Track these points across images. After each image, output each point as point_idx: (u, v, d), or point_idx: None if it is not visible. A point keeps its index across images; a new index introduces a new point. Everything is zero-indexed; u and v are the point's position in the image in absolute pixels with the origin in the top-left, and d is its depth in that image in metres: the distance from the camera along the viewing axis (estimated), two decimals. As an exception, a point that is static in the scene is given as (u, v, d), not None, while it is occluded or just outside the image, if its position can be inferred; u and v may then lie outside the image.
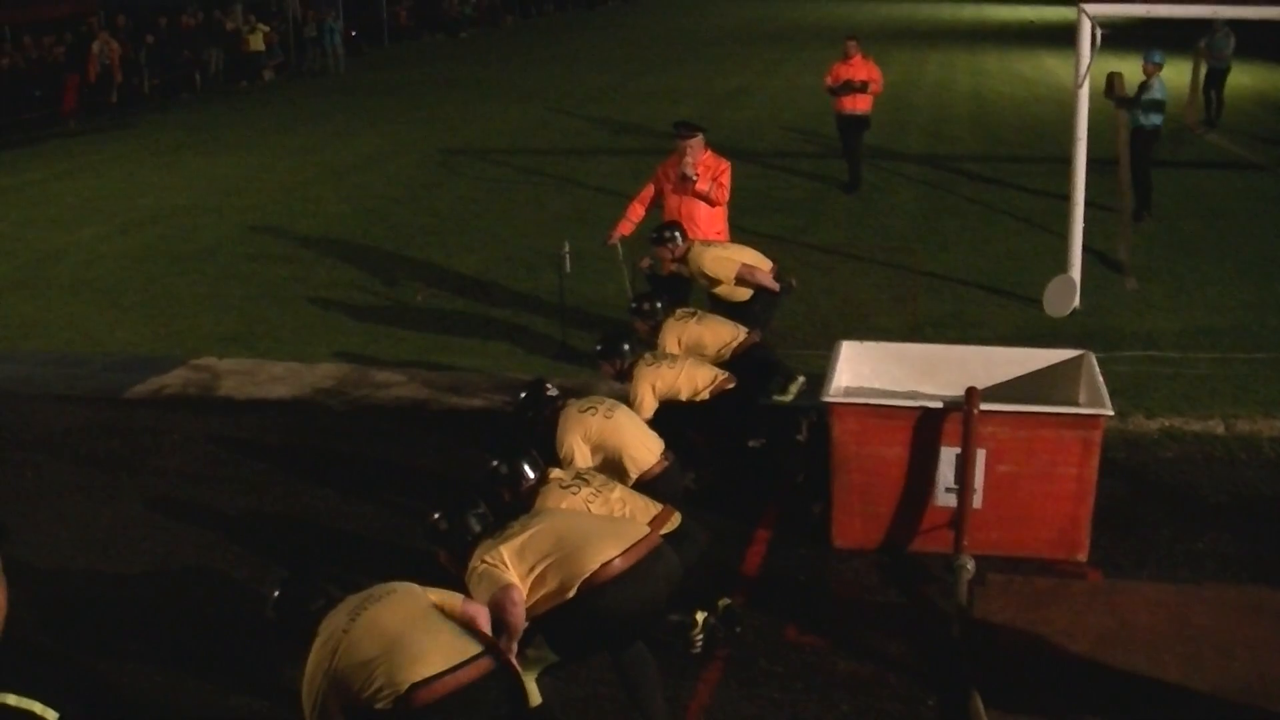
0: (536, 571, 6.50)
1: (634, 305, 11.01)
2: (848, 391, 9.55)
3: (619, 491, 7.72)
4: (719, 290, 11.89)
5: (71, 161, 26.24)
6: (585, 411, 8.55)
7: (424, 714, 5.49)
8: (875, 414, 8.77)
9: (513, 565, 6.53)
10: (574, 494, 7.48)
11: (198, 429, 11.79)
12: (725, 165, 12.93)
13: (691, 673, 7.52)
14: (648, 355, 9.99)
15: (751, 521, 9.50)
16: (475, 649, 5.71)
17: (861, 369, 9.99)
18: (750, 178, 20.34)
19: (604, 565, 6.44)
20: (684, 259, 12.02)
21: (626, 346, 9.94)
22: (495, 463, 7.73)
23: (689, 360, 10.00)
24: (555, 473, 7.78)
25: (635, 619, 6.61)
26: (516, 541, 6.60)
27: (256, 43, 39.89)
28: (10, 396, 12.76)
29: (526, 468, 7.68)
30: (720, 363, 10.28)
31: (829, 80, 21.10)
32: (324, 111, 32.13)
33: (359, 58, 45.08)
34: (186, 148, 26.99)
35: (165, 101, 35.17)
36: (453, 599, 6.18)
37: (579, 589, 6.41)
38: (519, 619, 6.40)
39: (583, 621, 6.48)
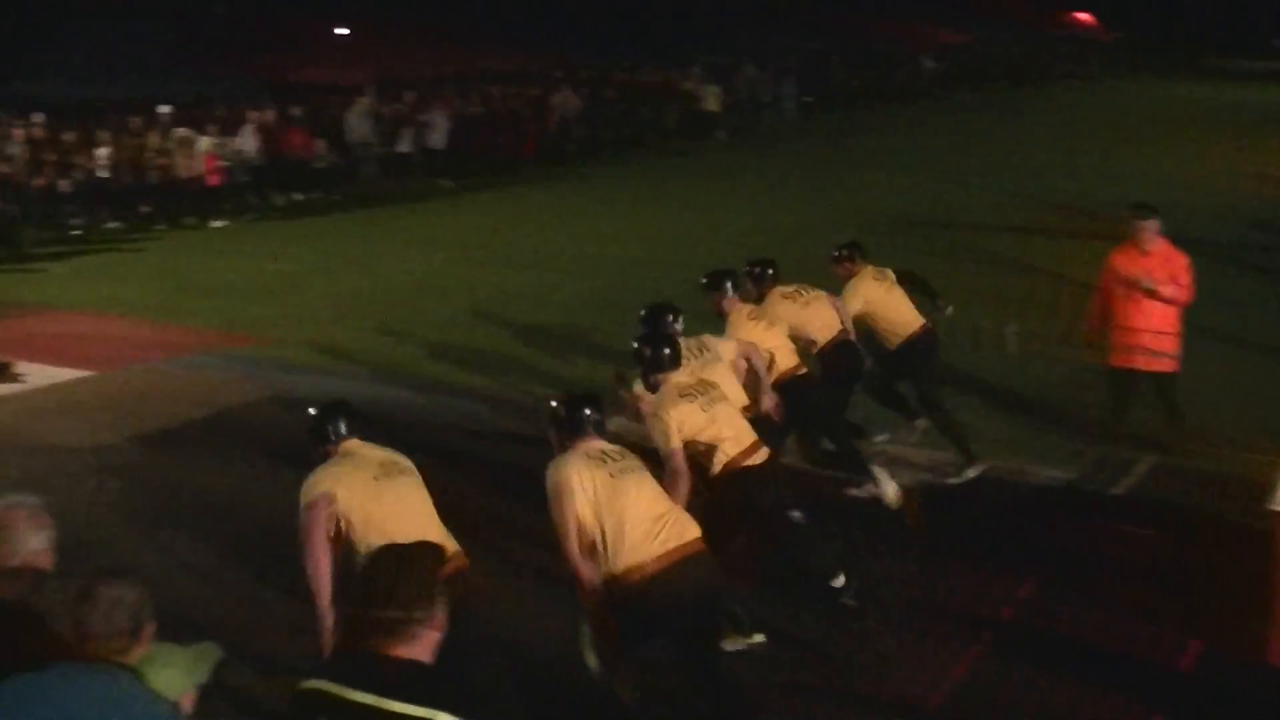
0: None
1: (749, 267, 11.60)
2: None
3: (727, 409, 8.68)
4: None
5: (528, 208, 27.26)
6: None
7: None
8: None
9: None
10: (688, 402, 8.46)
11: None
12: (1183, 261, 12.06)
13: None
14: (750, 307, 10.74)
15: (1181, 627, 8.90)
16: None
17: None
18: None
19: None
20: None
21: (730, 284, 10.77)
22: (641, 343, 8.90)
23: (777, 330, 10.66)
24: (678, 377, 8.66)
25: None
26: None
27: (711, 103, 40.66)
28: (443, 428, 13.53)
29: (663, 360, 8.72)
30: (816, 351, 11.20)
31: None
32: (774, 174, 32.40)
33: (811, 122, 45.34)
34: (641, 202, 27.70)
35: (621, 156, 36.14)
36: None
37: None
38: None
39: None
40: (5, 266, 23.02)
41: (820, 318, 11.34)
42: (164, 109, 29.00)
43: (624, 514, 6.96)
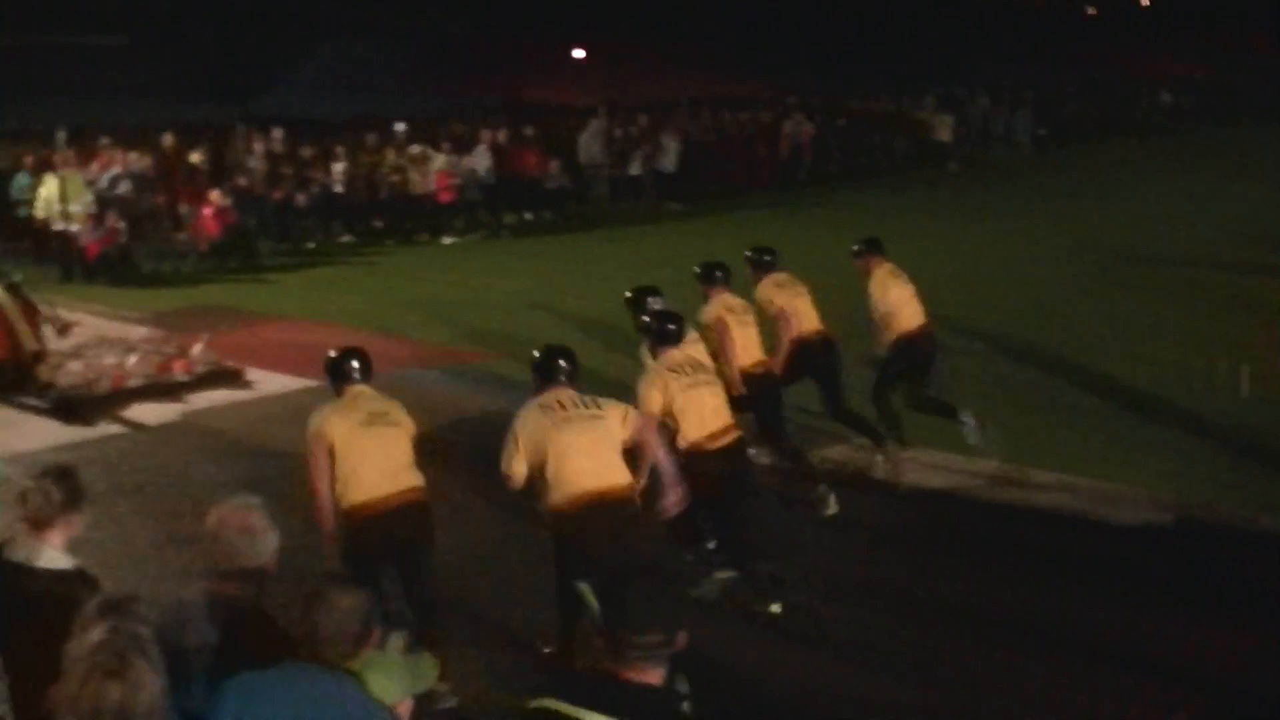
0: None
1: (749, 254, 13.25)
2: None
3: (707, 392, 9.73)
4: None
5: (756, 234, 27.05)
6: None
7: None
8: None
9: None
10: (675, 378, 9.63)
11: (854, 509, 11.68)
12: None
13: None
14: (733, 302, 12.03)
15: None
16: None
17: None
18: None
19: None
20: None
21: (719, 274, 12.31)
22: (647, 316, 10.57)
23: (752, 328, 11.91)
24: (676, 356, 9.90)
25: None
26: None
27: (943, 133, 40.14)
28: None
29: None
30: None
31: None
32: (1005, 205, 31.83)
33: (1044, 155, 44.47)
34: (868, 231, 27.10)
35: (851, 184, 35.80)
36: None
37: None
38: None
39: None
40: (241, 277, 23.60)
41: (807, 308, 12.82)
42: (399, 126, 29.50)
43: (560, 456, 8.18)
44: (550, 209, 30.17)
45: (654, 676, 4.55)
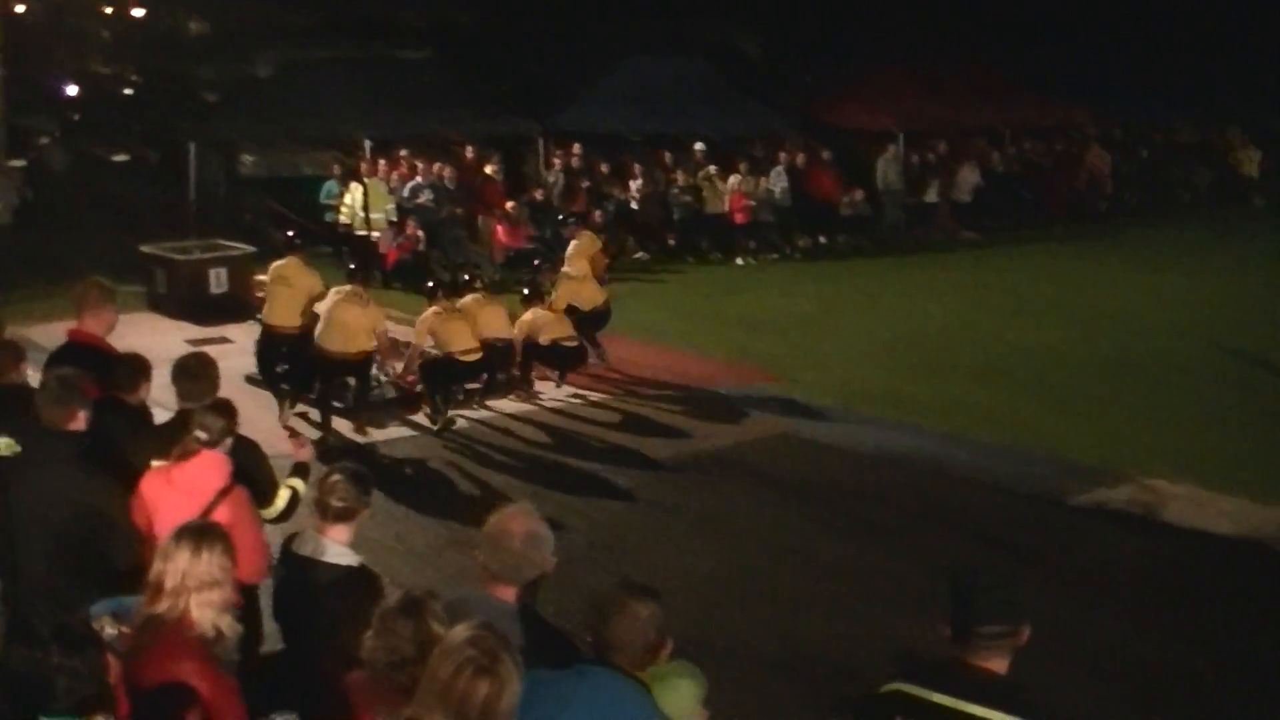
0: None
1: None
2: None
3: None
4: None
5: (1052, 264, 26.50)
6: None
7: None
8: None
9: None
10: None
11: (1133, 549, 11.26)
12: None
13: None
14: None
15: None
16: None
17: None
18: None
19: None
20: None
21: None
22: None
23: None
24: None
25: None
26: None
27: (1249, 167, 38.46)
28: (956, 482, 13.25)
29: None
30: None
31: None
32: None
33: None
34: (1167, 265, 26.40)
35: (1151, 216, 34.62)
36: None
37: None
38: None
39: None
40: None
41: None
42: (698, 146, 29.56)
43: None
44: (844, 233, 29.89)
45: (1000, 665, 4.67)
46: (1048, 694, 4.76)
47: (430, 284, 16.57)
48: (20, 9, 43.66)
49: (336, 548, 6.33)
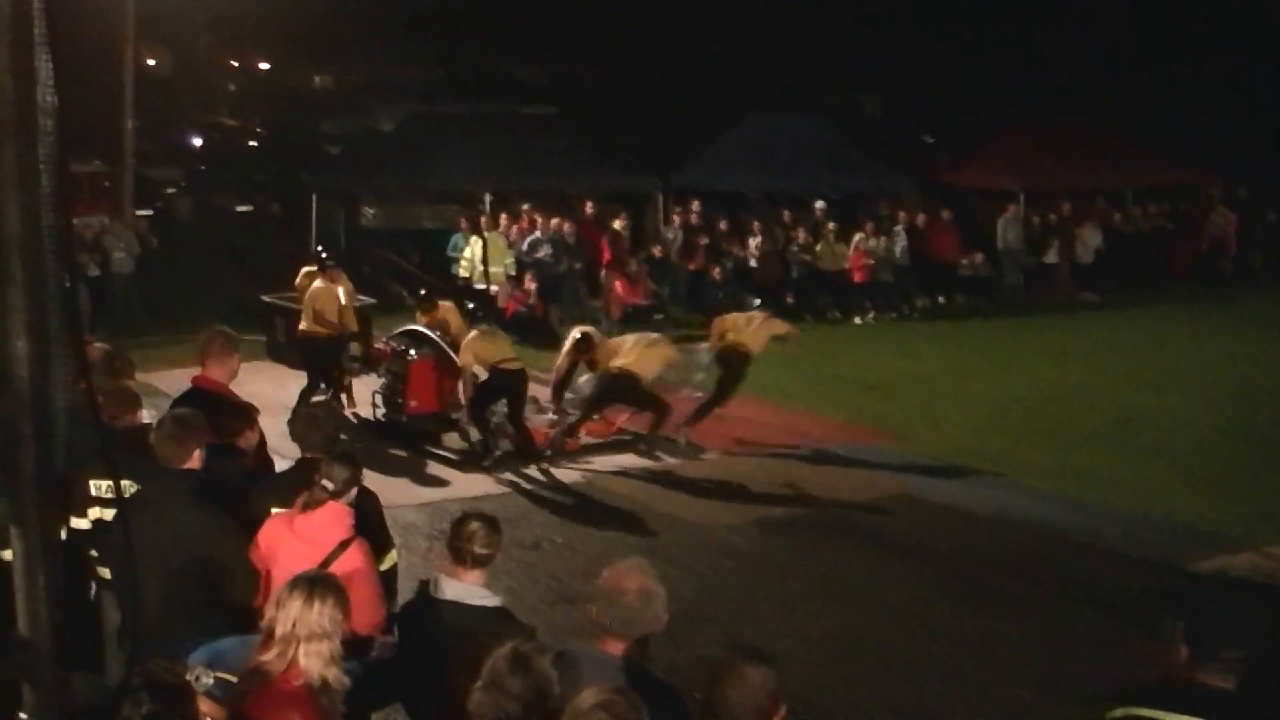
0: None
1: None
2: None
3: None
4: None
5: (1174, 328, 26.11)
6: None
7: None
8: None
9: None
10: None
11: (1255, 618, 11.00)
12: None
13: None
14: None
15: None
16: None
17: None
18: None
19: None
20: None
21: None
22: None
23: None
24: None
25: None
26: None
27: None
28: (1075, 547, 13.07)
29: None
30: None
31: None
32: None
33: None
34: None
35: (1278, 280, 33.99)
36: None
37: None
38: None
39: None
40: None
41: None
42: (819, 204, 29.54)
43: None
44: (963, 293, 29.69)
45: (1228, 684, 4.90)
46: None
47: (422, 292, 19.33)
48: (151, 62, 44.73)
49: (480, 590, 6.49)
